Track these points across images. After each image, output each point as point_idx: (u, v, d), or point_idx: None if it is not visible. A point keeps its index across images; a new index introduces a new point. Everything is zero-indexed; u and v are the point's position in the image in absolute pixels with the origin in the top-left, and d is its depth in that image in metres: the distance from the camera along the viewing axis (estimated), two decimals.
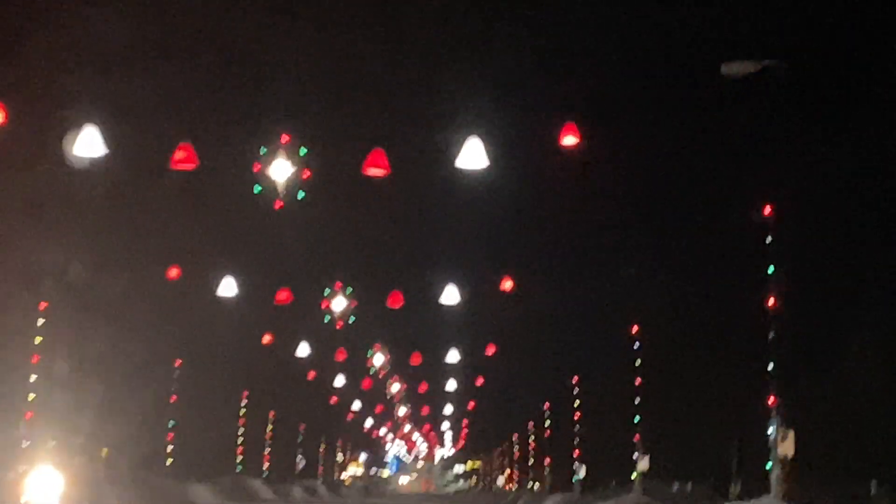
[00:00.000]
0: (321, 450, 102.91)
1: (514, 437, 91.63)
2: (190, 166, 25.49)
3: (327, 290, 40.61)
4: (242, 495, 62.93)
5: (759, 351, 26.01)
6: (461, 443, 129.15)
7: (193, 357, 56.97)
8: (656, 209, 32.19)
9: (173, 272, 40.28)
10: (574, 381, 56.43)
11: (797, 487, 25.38)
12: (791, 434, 25.24)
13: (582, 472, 56.15)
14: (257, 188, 25.33)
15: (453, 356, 56.17)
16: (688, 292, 35.10)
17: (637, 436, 40.94)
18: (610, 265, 38.48)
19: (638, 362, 41.00)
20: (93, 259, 38.39)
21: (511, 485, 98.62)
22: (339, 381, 69.27)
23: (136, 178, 28.57)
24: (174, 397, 56.16)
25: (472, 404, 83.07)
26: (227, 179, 26.22)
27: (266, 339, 55.52)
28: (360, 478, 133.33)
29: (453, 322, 46.68)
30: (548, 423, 70.51)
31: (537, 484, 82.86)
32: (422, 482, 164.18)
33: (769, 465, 25.58)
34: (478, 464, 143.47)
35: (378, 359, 57.11)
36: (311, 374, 69.94)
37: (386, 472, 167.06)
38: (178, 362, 55.98)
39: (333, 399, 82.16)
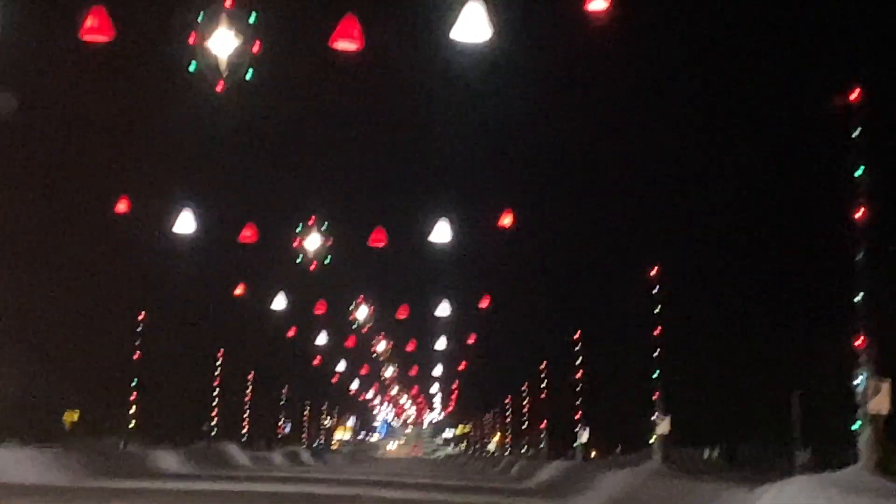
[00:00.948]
0: (305, 414, 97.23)
1: (508, 400, 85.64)
2: (104, 38, 19.24)
3: (300, 227, 34.26)
4: (216, 462, 56.84)
5: (842, 278, 19.68)
6: (451, 406, 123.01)
7: (158, 309, 50.81)
8: (700, 102, 25.64)
9: (121, 206, 34.03)
10: (576, 337, 50.29)
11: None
12: (886, 386, 19.11)
13: (584, 437, 50.17)
14: (193, 66, 19.02)
15: (444, 309, 49.98)
16: (735, 207, 28.63)
17: (656, 393, 34.68)
18: (632, 184, 32.18)
19: (658, 309, 34.66)
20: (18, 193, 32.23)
21: (502, 450, 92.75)
22: (322, 338, 63.08)
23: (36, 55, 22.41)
24: (138, 354, 49.78)
25: (463, 364, 76.90)
26: (152, 54, 19.92)
27: (239, 289, 49.27)
28: (347, 442, 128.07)
29: (444, 267, 40.45)
30: (544, 383, 64.50)
31: (530, 449, 77.03)
32: (411, 447, 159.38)
33: (857, 425, 19.43)
34: (468, 428, 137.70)
35: (362, 312, 50.97)
36: (292, 331, 63.94)
37: (375, 438, 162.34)
38: (141, 315, 49.67)
39: (317, 359, 76.27)
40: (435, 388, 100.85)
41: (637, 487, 30.71)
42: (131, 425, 50.73)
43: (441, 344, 62.59)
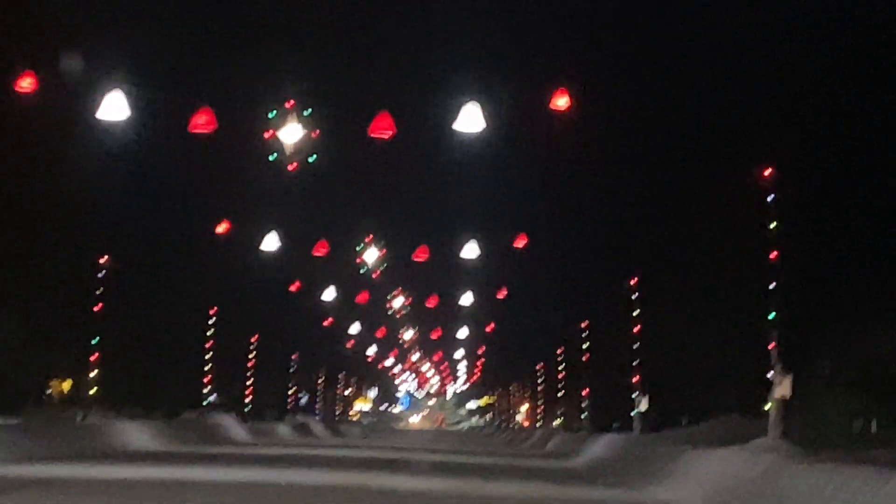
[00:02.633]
0: (319, 383, 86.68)
1: (540, 367, 74.80)
2: None
3: (273, 112, 23.44)
4: (205, 437, 46.63)
5: None
6: (476, 374, 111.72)
7: (125, 251, 40.17)
8: None
9: (25, 82, 23.47)
10: (633, 282, 39.53)
11: None
12: None
13: (644, 405, 39.51)
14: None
15: (471, 251, 39.18)
16: None
17: (772, 343, 23.69)
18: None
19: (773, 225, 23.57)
20: None
21: (529, 421, 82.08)
22: (330, 293, 52.37)
23: None
24: (100, 305, 39.05)
25: (491, 326, 65.91)
26: None
27: (221, 227, 38.53)
28: (367, 413, 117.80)
29: (471, 177, 29.52)
30: (586, 344, 53.73)
31: (566, 421, 66.46)
32: (434, 418, 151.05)
33: None
34: (493, 399, 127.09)
35: (371, 255, 40.13)
36: (296, 285, 53.31)
37: (398, 409, 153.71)
38: (102, 258, 38.96)
39: (328, 320, 65.66)
40: (460, 353, 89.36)
41: (762, 477, 19.93)
42: (92, 392, 40.29)
43: (467, 299, 51.66)
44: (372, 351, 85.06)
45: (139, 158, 27.95)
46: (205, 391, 52.98)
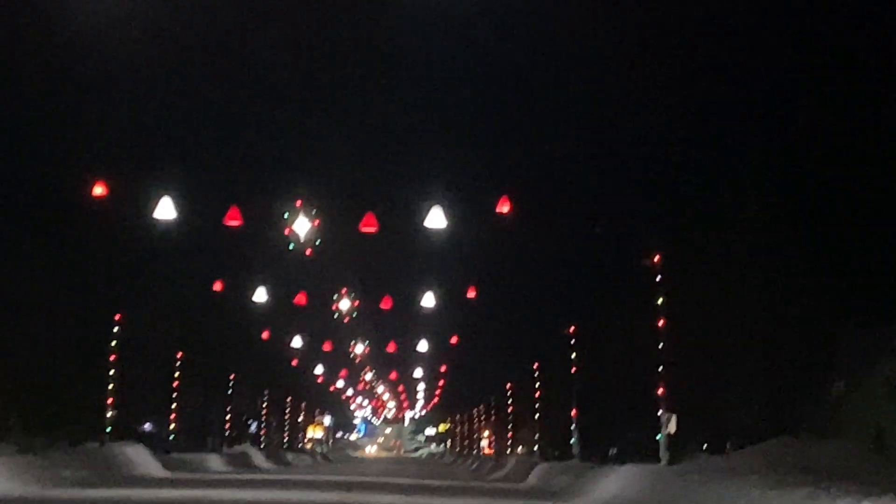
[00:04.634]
0: (264, 407, 74.57)
1: (509, 387, 63.11)
2: None
3: None
4: (101, 473, 35.14)
5: None
6: (436, 398, 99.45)
7: None
8: None
9: None
10: (656, 260, 28.14)
11: None
12: None
13: (672, 426, 28.22)
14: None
15: (436, 220, 27.74)
16: None
17: None
18: None
19: None
20: None
21: (503, 448, 70.32)
22: (261, 294, 40.54)
23: None
24: None
25: (455, 339, 54.00)
26: None
27: (99, 188, 26.85)
28: (320, 441, 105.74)
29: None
30: (574, 354, 42.35)
31: (545, 448, 54.99)
32: (391, 445, 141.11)
33: None
34: (450, 425, 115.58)
35: (302, 225, 28.04)
36: (218, 285, 41.45)
37: (354, 436, 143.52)
38: None
39: (265, 334, 53.79)
40: (419, 372, 77.04)
41: None
42: None
43: (428, 300, 39.93)
44: (320, 370, 73.01)
45: None
46: (108, 415, 40.93)
